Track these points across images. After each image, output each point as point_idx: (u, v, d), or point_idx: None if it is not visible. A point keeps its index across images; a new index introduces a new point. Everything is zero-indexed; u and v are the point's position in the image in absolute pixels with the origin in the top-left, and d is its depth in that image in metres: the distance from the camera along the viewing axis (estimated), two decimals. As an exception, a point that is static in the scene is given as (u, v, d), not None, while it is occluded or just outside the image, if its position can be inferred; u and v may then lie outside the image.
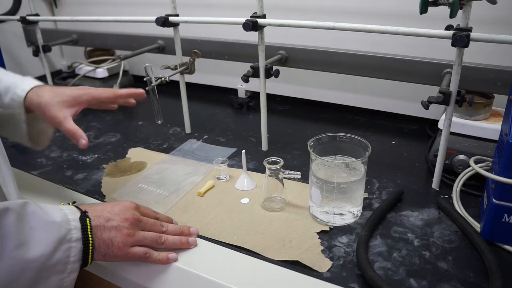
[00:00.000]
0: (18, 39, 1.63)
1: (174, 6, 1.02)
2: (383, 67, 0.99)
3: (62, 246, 0.55)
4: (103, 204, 0.66)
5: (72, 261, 0.56)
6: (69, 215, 0.58)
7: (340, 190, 0.72)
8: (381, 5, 1.07)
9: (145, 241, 0.64)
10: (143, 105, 1.41)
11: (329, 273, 0.64)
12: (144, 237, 0.64)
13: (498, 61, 0.89)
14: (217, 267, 0.65)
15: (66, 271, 0.56)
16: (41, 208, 0.57)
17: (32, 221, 0.54)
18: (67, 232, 0.56)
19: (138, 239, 0.63)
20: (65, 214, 0.58)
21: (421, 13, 0.68)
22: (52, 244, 0.54)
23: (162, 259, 0.65)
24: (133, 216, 0.63)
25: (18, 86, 0.73)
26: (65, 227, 0.56)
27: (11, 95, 0.73)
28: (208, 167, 0.95)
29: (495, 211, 0.66)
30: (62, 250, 0.55)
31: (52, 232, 0.54)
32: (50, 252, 0.53)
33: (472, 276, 0.62)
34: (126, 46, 1.37)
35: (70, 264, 0.56)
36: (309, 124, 1.19)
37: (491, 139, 0.85)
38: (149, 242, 0.64)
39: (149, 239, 0.64)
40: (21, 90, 0.73)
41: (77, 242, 0.56)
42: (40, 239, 0.53)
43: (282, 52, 1.10)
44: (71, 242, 0.56)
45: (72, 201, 0.82)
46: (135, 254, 0.62)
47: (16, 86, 0.73)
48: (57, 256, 0.54)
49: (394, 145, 1.04)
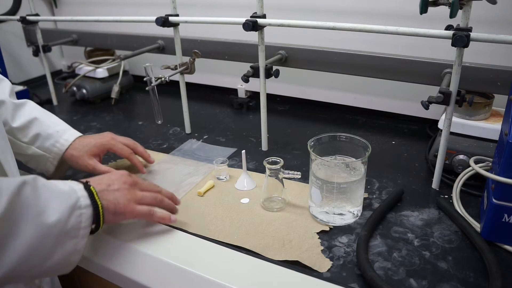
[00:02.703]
0: (18, 39, 1.63)
1: (174, 6, 1.02)
2: (383, 67, 0.99)
3: (74, 212, 0.60)
4: (99, 176, 0.72)
5: (83, 226, 0.61)
6: (74, 186, 0.63)
7: (340, 190, 0.72)
8: (381, 5, 1.07)
9: (145, 200, 0.71)
10: (143, 105, 1.42)
11: (329, 273, 0.64)
12: (144, 196, 0.71)
13: (498, 61, 0.89)
14: (217, 267, 0.65)
15: (79, 236, 0.61)
16: (49, 181, 0.62)
17: (46, 192, 0.59)
18: (76, 200, 0.61)
19: (140, 197, 0.70)
20: (71, 185, 0.63)
21: (421, 13, 0.68)
22: (66, 211, 0.59)
23: (165, 218, 0.73)
24: (131, 179, 0.72)
25: (60, 136, 0.87)
26: (74, 195, 0.61)
27: (52, 142, 0.86)
28: (208, 167, 0.95)
29: (495, 211, 0.66)
30: (75, 216, 0.60)
31: (64, 200, 0.60)
32: (65, 219, 0.58)
33: (472, 276, 0.62)
34: (126, 46, 1.37)
35: (82, 229, 0.61)
36: (309, 124, 1.19)
37: (491, 139, 0.85)
38: (149, 200, 0.71)
39: (149, 197, 0.72)
40: (65, 140, 0.87)
41: (86, 209, 0.62)
42: (55, 207, 0.58)
43: (282, 52, 1.10)
44: (81, 209, 0.61)
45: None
46: (140, 211, 0.69)
47: (59, 135, 0.87)
48: (71, 222, 0.59)
49: (394, 145, 1.04)
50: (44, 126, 0.87)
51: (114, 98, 1.40)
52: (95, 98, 1.42)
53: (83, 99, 1.41)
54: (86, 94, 1.40)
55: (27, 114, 0.87)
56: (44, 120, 0.88)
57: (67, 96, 1.46)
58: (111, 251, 0.72)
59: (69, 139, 0.87)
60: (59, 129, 0.88)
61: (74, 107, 1.41)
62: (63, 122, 0.91)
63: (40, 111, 0.90)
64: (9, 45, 1.59)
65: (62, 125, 0.90)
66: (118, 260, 0.70)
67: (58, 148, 0.86)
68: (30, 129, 0.86)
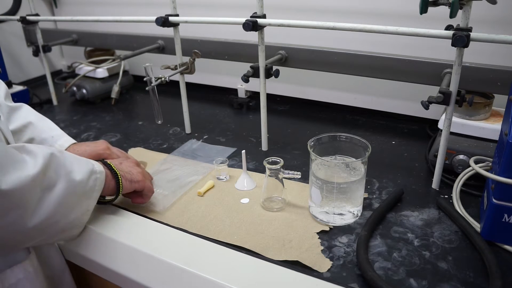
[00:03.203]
0: (18, 39, 1.63)
1: (174, 6, 1.02)
2: (383, 67, 0.99)
3: (92, 176, 0.69)
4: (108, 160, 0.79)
5: (97, 189, 0.70)
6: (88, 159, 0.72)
7: (340, 190, 0.72)
8: (381, 5, 1.07)
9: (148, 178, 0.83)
10: (143, 105, 1.42)
11: (329, 273, 0.64)
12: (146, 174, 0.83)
13: (498, 61, 0.89)
14: (217, 267, 0.65)
15: (93, 197, 0.70)
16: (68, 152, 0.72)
17: (69, 156, 0.68)
18: (92, 166, 0.70)
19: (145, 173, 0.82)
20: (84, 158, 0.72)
21: (421, 13, 0.68)
22: (86, 173, 0.68)
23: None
24: (136, 161, 0.84)
25: (55, 141, 0.87)
26: (90, 162, 0.71)
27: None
28: (208, 167, 0.95)
29: (495, 211, 0.66)
30: (92, 179, 0.69)
31: (84, 165, 0.69)
32: (86, 179, 0.67)
33: (472, 276, 0.62)
34: (126, 46, 1.37)
35: (95, 191, 0.70)
36: (309, 124, 1.19)
37: (491, 139, 0.85)
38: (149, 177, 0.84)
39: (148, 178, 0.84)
40: (60, 146, 0.86)
41: (100, 174, 0.70)
42: (78, 169, 0.66)
43: (282, 52, 1.10)
44: (97, 174, 0.70)
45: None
46: (149, 185, 0.80)
47: (53, 141, 0.87)
48: (89, 183, 0.68)
49: (394, 145, 1.04)
50: (38, 131, 0.86)
51: (114, 98, 1.40)
52: (95, 98, 1.42)
53: (83, 99, 1.41)
54: (86, 94, 1.40)
55: (22, 118, 0.85)
56: (39, 124, 0.87)
57: (67, 96, 1.46)
58: (111, 251, 0.72)
59: (64, 145, 0.86)
60: (54, 134, 0.88)
61: (74, 107, 1.41)
62: (58, 128, 0.90)
63: (35, 116, 0.89)
64: (9, 45, 1.59)
65: (57, 130, 0.89)
66: (118, 260, 0.70)
67: None
68: (24, 133, 0.85)
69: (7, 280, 0.65)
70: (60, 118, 1.31)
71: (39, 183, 0.59)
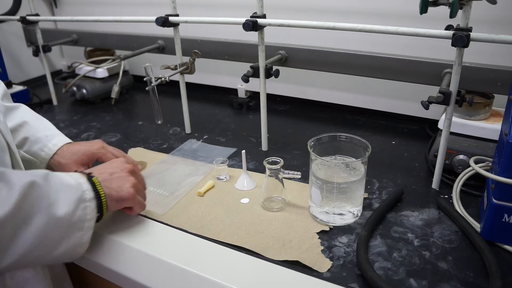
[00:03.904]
0: (18, 39, 1.63)
1: (174, 6, 1.02)
2: (383, 67, 0.99)
3: (81, 205, 0.62)
4: (101, 165, 0.75)
5: (88, 218, 0.63)
6: (79, 179, 0.65)
7: (340, 190, 0.72)
8: (381, 5, 1.07)
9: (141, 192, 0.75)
10: (143, 105, 1.42)
11: (329, 273, 0.64)
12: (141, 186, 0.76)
13: (498, 61, 0.89)
14: (217, 267, 0.65)
15: (84, 228, 0.63)
16: (56, 175, 0.64)
17: (55, 184, 0.61)
18: (82, 193, 0.63)
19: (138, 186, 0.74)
20: (76, 178, 0.65)
21: (421, 13, 0.68)
22: (73, 203, 0.61)
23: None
24: (131, 168, 0.75)
25: (49, 140, 0.84)
26: (80, 188, 0.64)
27: (40, 146, 0.83)
28: (208, 167, 0.95)
29: (495, 211, 0.66)
30: (81, 208, 0.62)
31: (71, 193, 0.62)
32: (72, 210, 0.61)
33: (472, 276, 0.62)
34: (126, 46, 1.37)
35: (87, 221, 0.63)
36: (309, 124, 1.19)
37: (491, 139, 0.85)
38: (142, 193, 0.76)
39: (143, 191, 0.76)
40: (53, 145, 0.84)
41: (91, 202, 0.64)
42: (64, 199, 0.60)
43: (282, 52, 1.10)
44: (86, 202, 0.63)
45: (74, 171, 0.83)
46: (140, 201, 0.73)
47: (47, 140, 0.84)
48: (77, 214, 0.62)
49: (394, 145, 1.04)
50: (33, 130, 0.84)
51: (114, 98, 1.40)
52: (95, 98, 1.42)
53: (83, 99, 1.41)
54: (86, 94, 1.40)
55: (18, 118, 0.84)
56: (34, 124, 0.85)
57: (67, 96, 1.46)
58: (111, 251, 0.72)
59: (58, 144, 0.84)
60: (48, 133, 0.85)
61: (74, 107, 1.41)
62: (54, 128, 0.88)
63: (31, 116, 0.87)
64: (9, 45, 1.59)
65: (52, 130, 0.87)
66: (118, 260, 0.70)
67: (46, 153, 0.83)
68: (19, 132, 0.83)
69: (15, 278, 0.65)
70: (60, 118, 1.31)
71: (12, 219, 0.54)
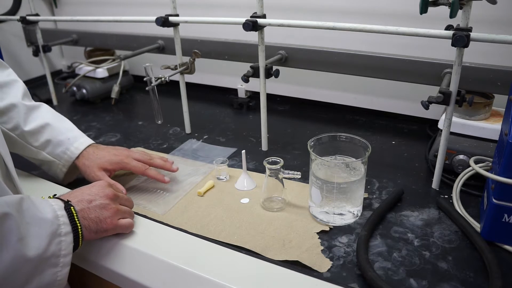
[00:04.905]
0: (18, 39, 1.63)
1: (174, 6, 1.02)
2: (383, 67, 0.99)
3: (55, 240, 0.59)
4: (79, 188, 0.71)
5: (63, 254, 0.60)
6: (58, 211, 0.61)
7: (340, 190, 0.72)
8: (381, 5, 1.07)
9: (125, 214, 0.72)
10: (143, 105, 1.42)
11: (329, 273, 0.64)
12: (124, 210, 0.72)
13: (498, 61, 0.89)
14: (217, 267, 0.65)
15: (59, 264, 0.59)
16: (33, 203, 0.60)
17: (27, 217, 0.57)
18: (57, 227, 0.60)
19: (121, 211, 0.70)
20: (55, 210, 0.61)
21: (421, 13, 0.68)
22: (46, 238, 0.57)
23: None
24: (112, 193, 0.70)
25: (71, 143, 0.86)
26: (56, 222, 0.60)
27: (63, 149, 0.86)
28: (208, 167, 0.95)
29: (495, 211, 0.66)
30: (55, 243, 0.58)
31: (45, 228, 0.58)
32: (45, 246, 0.57)
33: (472, 276, 0.62)
34: (126, 46, 1.37)
35: (62, 257, 0.60)
36: (309, 124, 1.19)
37: (491, 139, 0.85)
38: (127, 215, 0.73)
39: (128, 212, 0.73)
40: (75, 149, 0.86)
41: (66, 236, 0.60)
42: (36, 234, 0.57)
43: (282, 52, 1.10)
44: (61, 236, 0.60)
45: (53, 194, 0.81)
46: (123, 225, 0.70)
47: (69, 143, 0.86)
48: (51, 249, 0.58)
49: (394, 145, 1.04)
50: (55, 132, 0.86)
51: (114, 98, 1.40)
52: (95, 98, 1.42)
53: (83, 99, 1.41)
54: (86, 94, 1.40)
55: (39, 119, 0.86)
56: (56, 125, 0.87)
57: (67, 96, 1.46)
58: (111, 251, 0.71)
59: (80, 148, 0.86)
60: (70, 136, 0.87)
61: (74, 107, 1.41)
62: (76, 128, 0.90)
63: (53, 116, 0.89)
64: (9, 45, 1.59)
65: (74, 131, 0.89)
66: (118, 260, 0.70)
67: (69, 156, 0.86)
68: (41, 134, 0.85)
69: None
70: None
71: None
